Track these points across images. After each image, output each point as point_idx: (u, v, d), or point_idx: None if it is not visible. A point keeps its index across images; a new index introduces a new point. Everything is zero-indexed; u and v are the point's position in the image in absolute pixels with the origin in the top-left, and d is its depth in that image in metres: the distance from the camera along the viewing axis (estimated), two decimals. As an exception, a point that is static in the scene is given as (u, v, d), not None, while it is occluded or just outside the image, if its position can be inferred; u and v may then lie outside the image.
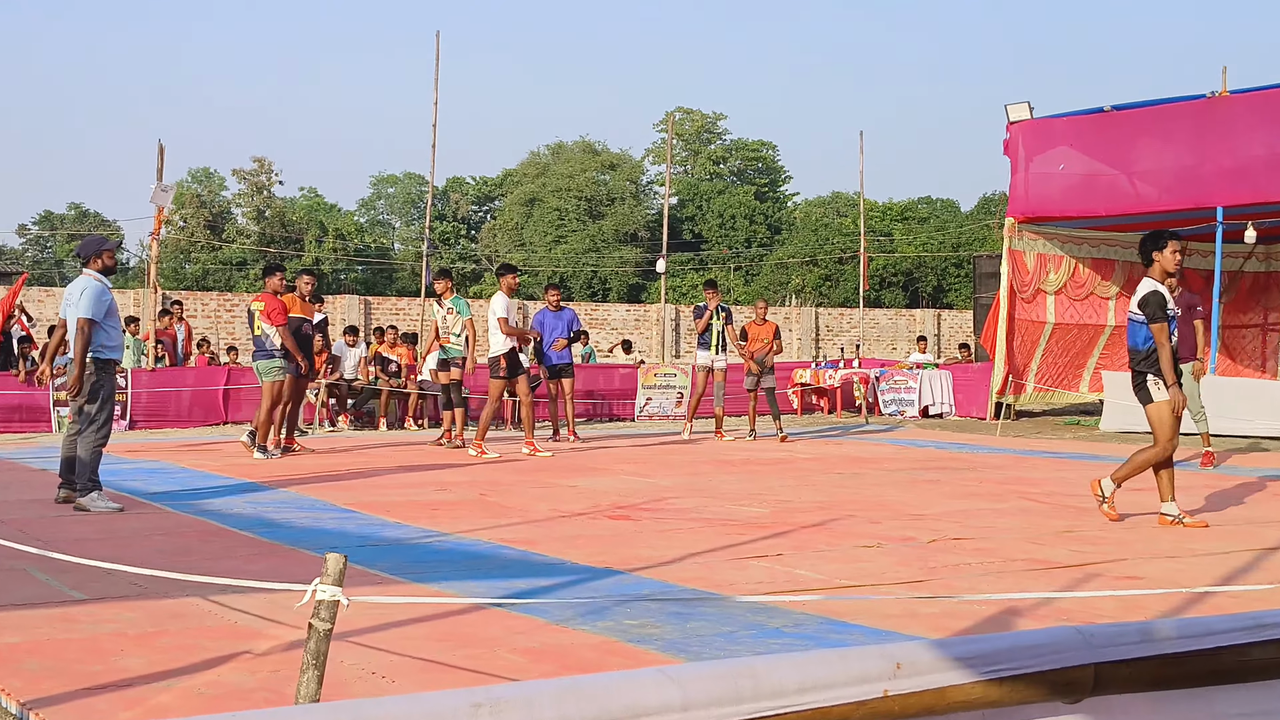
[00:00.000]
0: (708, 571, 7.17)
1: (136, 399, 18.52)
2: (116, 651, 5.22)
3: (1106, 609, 6.24)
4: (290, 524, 8.98)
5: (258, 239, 56.81)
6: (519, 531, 8.67)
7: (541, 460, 14.14)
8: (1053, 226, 21.37)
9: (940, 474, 12.93)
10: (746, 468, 13.51)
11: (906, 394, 22.74)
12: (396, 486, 11.46)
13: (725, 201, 64.95)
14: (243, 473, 12.37)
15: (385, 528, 8.87)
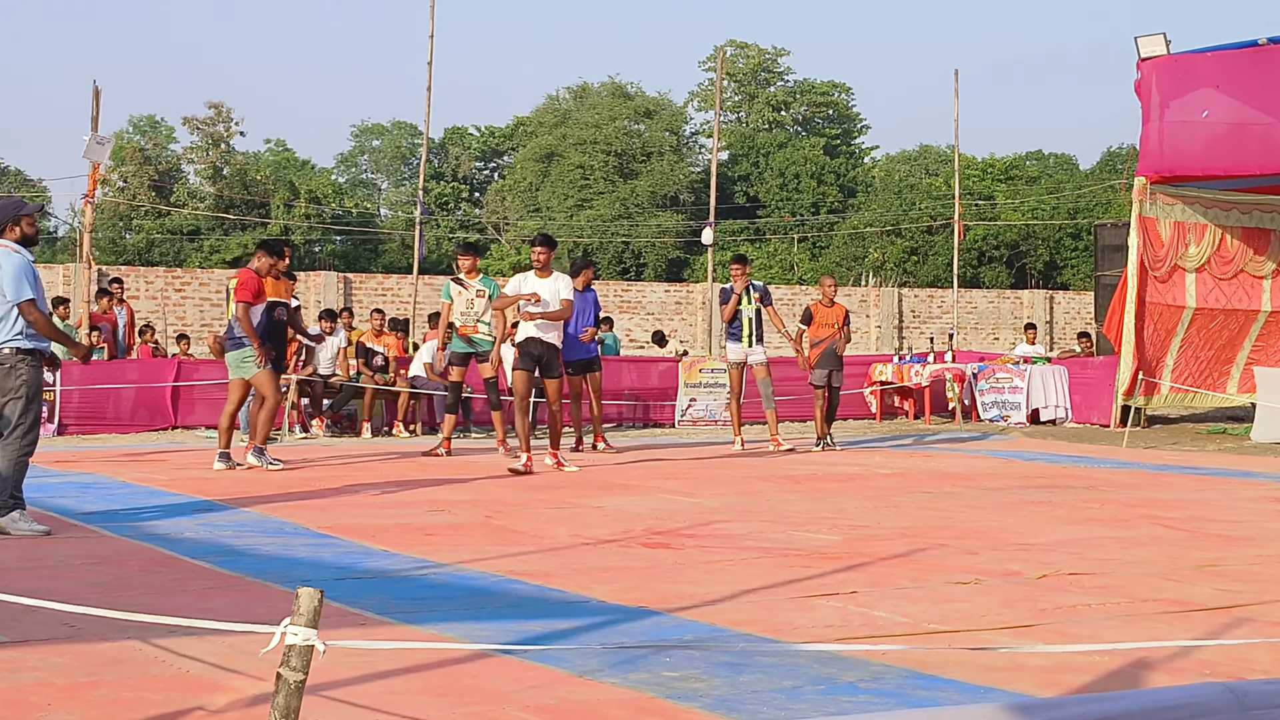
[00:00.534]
0: (765, 612, 7.15)
1: (67, 398, 18.61)
2: (42, 706, 5.23)
3: (1260, 661, 6.19)
4: (254, 551, 9.00)
5: (214, 203, 57.04)
6: (533, 562, 8.67)
7: (561, 475, 14.14)
8: (1194, 188, 21.21)
9: (1053, 494, 12.87)
10: (812, 485, 13.47)
11: (1011, 395, 22.65)
12: (383, 506, 11.48)
13: (788, 157, 64.84)
14: (196, 489, 12.42)
15: (369, 556, 8.88)
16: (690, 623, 6.91)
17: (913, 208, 54.52)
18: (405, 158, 76.66)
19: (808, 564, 8.68)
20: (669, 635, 6.63)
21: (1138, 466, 15.75)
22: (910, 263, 51.66)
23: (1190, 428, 21.38)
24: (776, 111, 71.62)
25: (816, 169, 64.24)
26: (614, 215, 60.35)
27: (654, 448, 18.04)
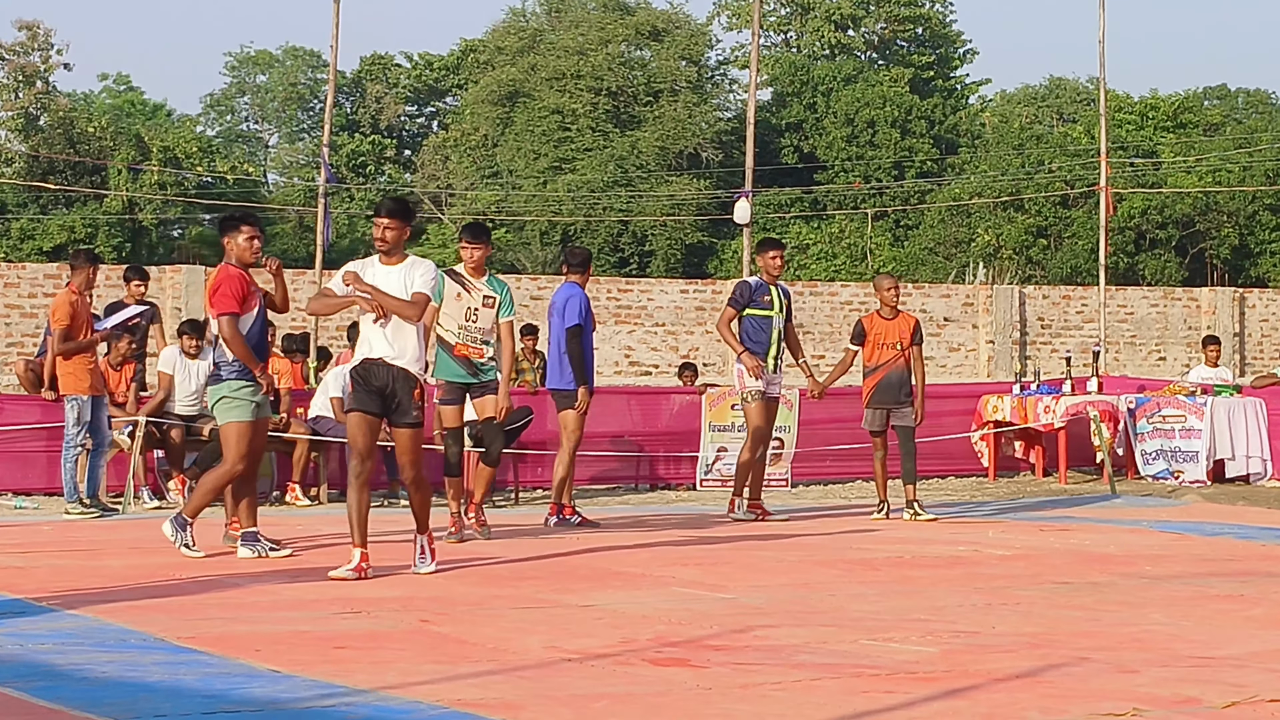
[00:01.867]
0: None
1: None
2: None
3: None
4: (84, 673, 9.00)
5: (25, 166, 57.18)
6: (492, 687, 8.66)
7: (531, 564, 14.14)
8: None
9: (1246, 583, 12.89)
10: (897, 572, 13.51)
11: (1185, 440, 22.68)
12: (274, 607, 11.49)
13: (858, 96, 64.96)
14: (2, 584, 12.44)
15: (252, 680, 8.87)
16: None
17: (1040, 169, 54.59)
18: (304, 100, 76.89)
19: (890, 688, 8.69)
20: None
21: (1369, 543, 15.77)
22: (1037, 249, 51.73)
23: None
24: (841, 30, 71.80)
25: (900, 114, 64.34)
26: (607, 182, 60.38)
27: (665, 519, 18.06)
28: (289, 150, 75.49)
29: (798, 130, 64.87)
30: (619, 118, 63.50)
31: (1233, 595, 12.28)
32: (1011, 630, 10.60)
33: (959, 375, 34.83)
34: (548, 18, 70.36)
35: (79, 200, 53.98)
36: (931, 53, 71.94)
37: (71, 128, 59.86)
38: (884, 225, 56.85)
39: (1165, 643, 10.16)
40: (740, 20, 67.78)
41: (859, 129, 63.86)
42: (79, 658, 9.46)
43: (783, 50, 69.54)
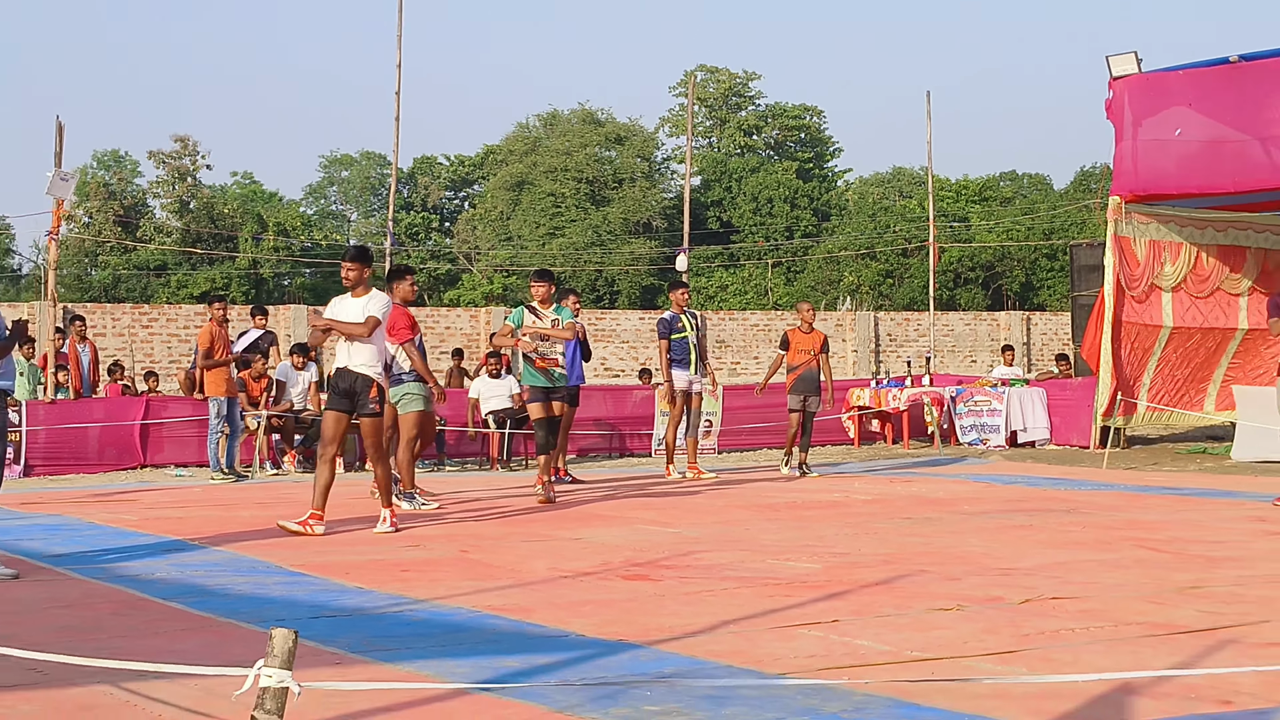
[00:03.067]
0: (747, 643, 7.13)
1: (33, 438, 18.53)
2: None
3: (1246, 685, 6.19)
4: (227, 591, 8.96)
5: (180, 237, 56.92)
6: (510, 596, 8.64)
7: (541, 508, 14.09)
8: (1169, 206, 21.31)
9: (1034, 517, 12.88)
10: (792, 513, 13.48)
11: (990, 418, 22.72)
12: (358, 543, 11.45)
13: (760, 181, 64.97)
14: (166, 528, 12.37)
15: (344, 594, 8.84)
16: (671, 655, 6.89)
17: (887, 230, 54.66)
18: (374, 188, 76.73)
19: (788, 593, 8.67)
20: (650, 669, 6.60)
21: (1118, 488, 15.79)
22: (885, 286, 51.79)
23: (1169, 447, 21.45)
24: (748, 136, 71.77)
25: (789, 193, 64.39)
26: (586, 243, 60.38)
27: (630, 478, 18.02)
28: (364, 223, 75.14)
29: (719, 205, 64.80)
30: (594, 198, 63.36)
31: (1025, 525, 12.30)
32: (871, 551, 10.59)
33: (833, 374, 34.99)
34: (543, 129, 70.18)
35: (218, 260, 53.67)
36: (810, 150, 71.85)
37: (212, 209, 59.63)
38: (779, 271, 56.77)
39: (979, 559, 10.16)
40: (678, 129, 67.64)
41: (761, 204, 63.87)
42: (221, 580, 9.42)
43: (707, 150, 69.36)
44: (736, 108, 72.46)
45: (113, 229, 56.54)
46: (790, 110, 72.66)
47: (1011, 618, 7.82)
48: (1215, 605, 8.18)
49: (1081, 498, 14.77)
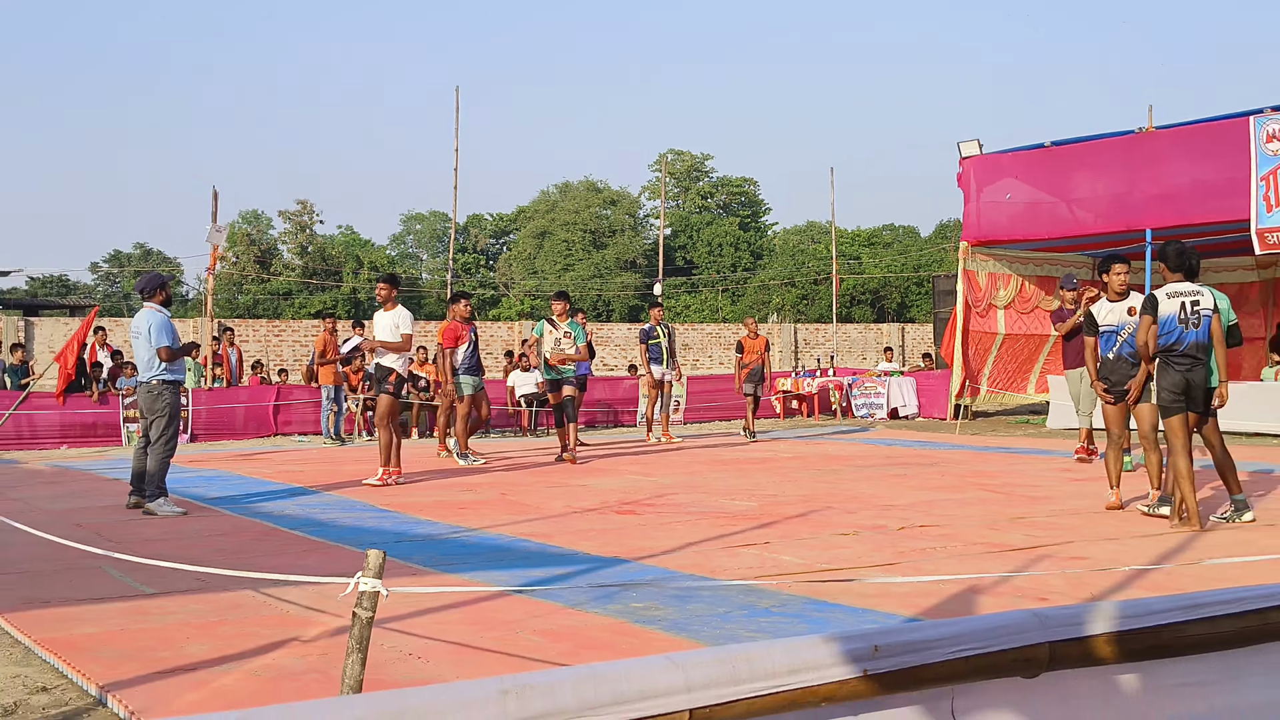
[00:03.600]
0: (704, 559, 7.15)
1: (196, 415, 18.52)
2: (183, 639, 5.20)
3: (1056, 585, 6.22)
4: (334, 523, 8.97)
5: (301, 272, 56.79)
6: (536, 526, 8.65)
7: (558, 465, 14.07)
8: (1002, 249, 21.37)
9: (907, 469, 12.92)
10: (736, 466, 13.49)
11: (876, 398, 22.72)
12: (427, 489, 11.45)
13: (713, 232, 64.96)
14: (291, 478, 12.36)
15: (418, 525, 8.85)
16: (651, 567, 6.91)
17: (803, 266, 54.69)
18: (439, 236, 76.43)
19: (733, 523, 8.69)
20: (636, 577, 6.62)
21: (966, 448, 15.83)
22: (802, 305, 51.74)
23: (1003, 419, 21.47)
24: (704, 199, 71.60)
25: (733, 240, 64.40)
26: (590, 275, 60.36)
27: (622, 443, 18.01)
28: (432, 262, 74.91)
29: (683, 249, 64.68)
30: (595, 244, 63.31)
31: (900, 474, 12.32)
32: (792, 493, 10.60)
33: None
34: (559, 194, 70.05)
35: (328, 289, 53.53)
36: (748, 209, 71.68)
37: (323, 252, 59.44)
38: (726, 295, 56.68)
39: (868, 498, 10.18)
40: (654, 194, 67.54)
41: (713, 248, 63.81)
42: (331, 515, 9.42)
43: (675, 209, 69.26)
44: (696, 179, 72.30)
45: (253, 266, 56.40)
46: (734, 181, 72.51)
47: (891, 540, 7.85)
48: (1035, 531, 8.21)
49: (941, 455, 14.81)
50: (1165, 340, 8.25)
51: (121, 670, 4.69)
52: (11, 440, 17.07)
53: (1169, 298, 8.28)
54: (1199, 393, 8.24)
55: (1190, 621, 1.96)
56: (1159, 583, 6.31)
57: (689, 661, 1.53)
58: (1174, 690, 2.02)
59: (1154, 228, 18.52)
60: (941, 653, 1.67)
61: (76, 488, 11.73)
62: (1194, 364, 8.20)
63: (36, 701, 4.45)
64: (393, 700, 1.35)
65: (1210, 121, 18.08)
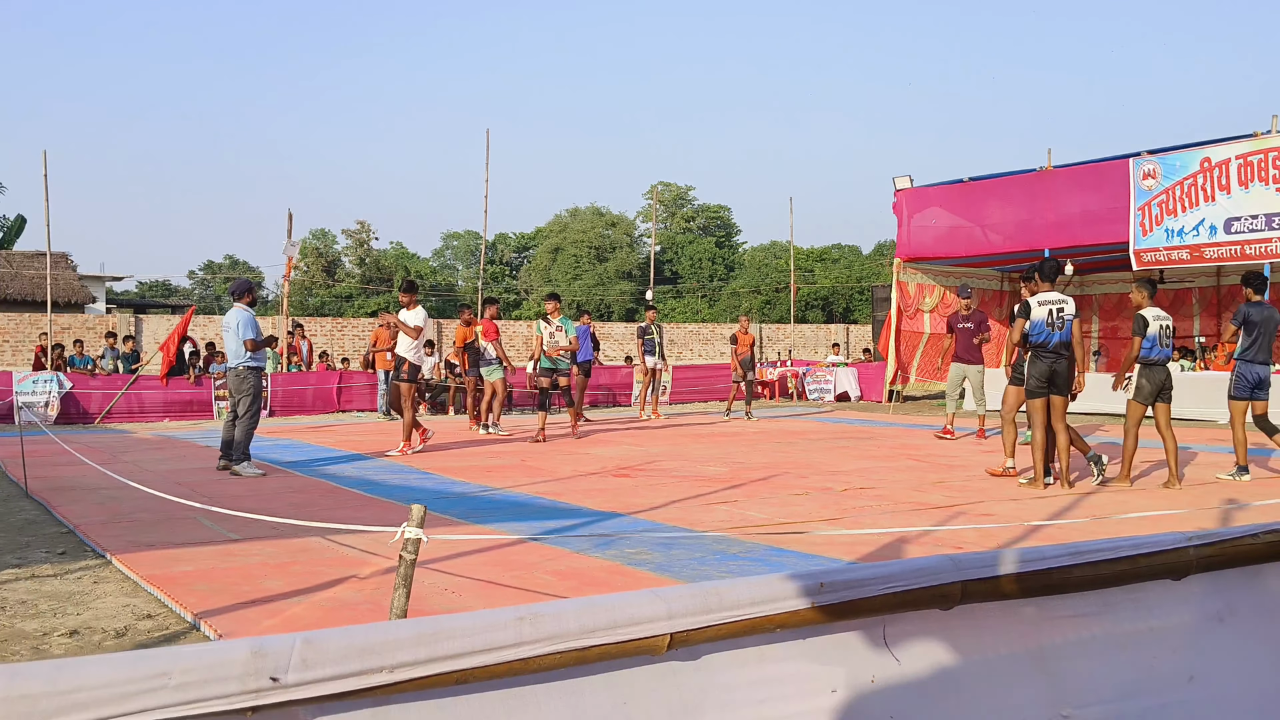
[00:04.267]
0: (684, 514, 7.16)
1: (274, 395, 18.46)
2: (262, 576, 5.20)
3: (969, 537, 6.24)
4: (385, 483, 8.96)
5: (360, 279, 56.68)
6: (549, 487, 8.65)
7: (568, 440, 14.06)
8: (928, 264, 21.38)
9: (850, 442, 12.93)
10: (712, 439, 13.49)
11: (825, 385, 22.73)
12: (460, 456, 11.44)
13: (694, 249, 64.84)
14: (351, 447, 12.33)
15: (453, 485, 8.85)
16: (641, 520, 6.91)
17: (766, 278, 54.66)
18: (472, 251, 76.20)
19: (709, 485, 8.69)
20: (629, 528, 6.62)
21: (898, 425, 15.84)
22: (766, 309, 51.74)
23: (928, 402, 21.48)
24: (688, 222, 71.44)
25: (711, 255, 64.30)
26: (594, 283, 60.27)
27: (619, 419, 17.99)
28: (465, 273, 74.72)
29: (670, 263, 64.60)
30: (599, 258, 63.23)
31: (844, 446, 12.33)
32: (758, 461, 10.60)
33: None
34: (569, 217, 69.89)
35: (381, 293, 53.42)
36: (723, 231, 71.55)
37: (378, 263, 59.31)
38: (705, 301, 56.66)
39: (818, 466, 10.19)
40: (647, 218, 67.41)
41: (695, 261, 63.72)
42: (382, 477, 9.41)
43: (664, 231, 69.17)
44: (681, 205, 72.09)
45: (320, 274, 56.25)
46: (712, 208, 72.31)
47: (836, 499, 7.86)
48: (952, 493, 8.23)
49: (877, 431, 14.82)
50: (1037, 338, 8.54)
51: (211, 601, 4.69)
52: (123, 414, 17.05)
53: (1040, 304, 8.46)
54: (1061, 380, 8.52)
55: (1075, 565, 1.97)
56: (1052, 535, 6.33)
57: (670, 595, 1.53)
58: (1062, 620, 2.04)
59: (1051, 248, 18.55)
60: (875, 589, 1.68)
61: (176, 453, 11.71)
62: (1057, 358, 8.50)
63: (143, 626, 4.45)
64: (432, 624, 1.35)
65: (1098, 162, 18.12)
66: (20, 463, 9.44)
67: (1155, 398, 8.63)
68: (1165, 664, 2.23)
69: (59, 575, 5.37)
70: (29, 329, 25.62)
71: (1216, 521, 6.77)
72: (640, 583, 5.04)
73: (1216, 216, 16.30)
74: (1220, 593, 2.27)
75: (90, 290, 33.34)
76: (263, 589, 4.92)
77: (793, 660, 1.65)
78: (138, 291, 58.73)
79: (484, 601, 4.69)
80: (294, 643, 1.28)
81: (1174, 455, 8.60)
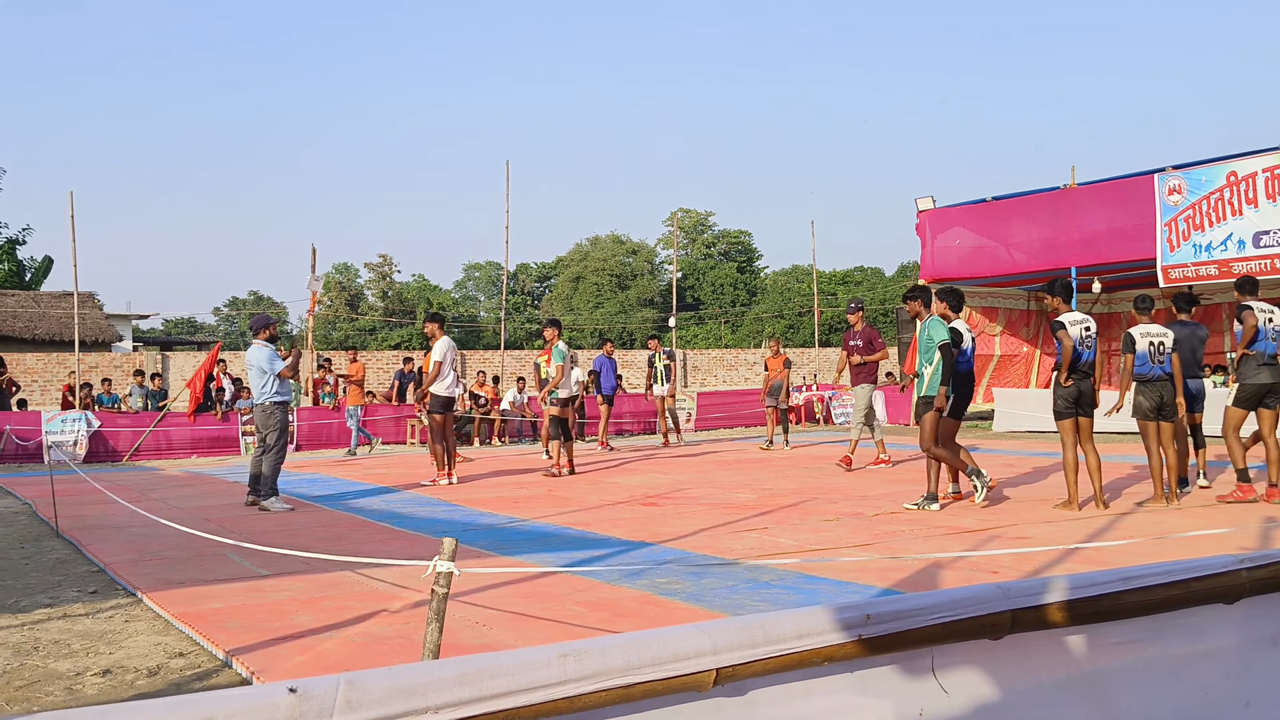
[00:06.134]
0: (714, 541, 7.11)
1: (302, 429, 18.54)
2: (292, 612, 5.19)
3: (1005, 561, 6.16)
4: (414, 516, 8.96)
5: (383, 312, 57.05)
6: (577, 516, 8.62)
7: (594, 469, 14.03)
8: (952, 284, 21.31)
9: (878, 466, 12.83)
10: (739, 466, 13.43)
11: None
12: (488, 487, 11.43)
13: (715, 275, 64.89)
14: (378, 480, 12.35)
15: (482, 517, 8.83)
16: (671, 549, 6.87)
17: (789, 303, 54.61)
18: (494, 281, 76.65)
19: (738, 512, 8.64)
20: (659, 557, 6.58)
21: (927, 448, 15.71)
22: (789, 333, 51.63)
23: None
24: (708, 248, 71.57)
25: (732, 281, 64.35)
26: (616, 311, 60.39)
27: (644, 447, 17.95)
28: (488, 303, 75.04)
29: (692, 289, 64.65)
30: (620, 286, 63.38)
31: (873, 470, 12.23)
32: (786, 487, 10.53)
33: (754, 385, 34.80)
34: (590, 246, 70.15)
35: (404, 325, 53.73)
36: (744, 256, 71.61)
37: (401, 296, 59.71)
38: (727, 327, 56.65)
39: (847, 490, 10.11)
40: (668, 245, 67.58)
41: (717, 287, 63.75)
42: (411, 510, 9.40)
43: (685, 257, 69.27)
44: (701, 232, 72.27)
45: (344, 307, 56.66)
46: (733, 233, 72.45)
47: (868, 524, 7.79)
48: (986, 515, 8.14)
49: (905, 454, 14.71)
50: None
51: (243, 638, 4.68)
52: (151, 452, 17.16)
53: (1072, 324, 8.40)
54: (1087, 400, 8.41)
55: (1126, 591, 1.94)
56: (1089, 556, 6.24)
57: (715, 629, 1.51)
58: (1112, 648, 2.00)
59: (1078, 266, 18.44)
60: (922, 619, 1.65)
61: (204, 489, 11.76)
62: (1084, 378, 8.42)
63: (175, 664, 4.45)
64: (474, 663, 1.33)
65: (1122, 179, 18.03)
66: (51, 502, 9.51)
67: (1158, 415, 8.56)
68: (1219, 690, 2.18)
69: (90, 614, 5.38)
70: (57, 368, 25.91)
71: (1257, 541, 6.66)
72: (673, 613, 5.00)
73: (1245, 230, 16.16)
74: (1274, 615, 2.22)
75: (117, 329, 33.72)
76: (294, 625, 4.91)
77: (840, 693, 1.62)
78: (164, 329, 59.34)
79: (516, 634, 4.67)
80: (338, 684, 1.27)
81: (1174, 472, 8.55)
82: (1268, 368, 8.50)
